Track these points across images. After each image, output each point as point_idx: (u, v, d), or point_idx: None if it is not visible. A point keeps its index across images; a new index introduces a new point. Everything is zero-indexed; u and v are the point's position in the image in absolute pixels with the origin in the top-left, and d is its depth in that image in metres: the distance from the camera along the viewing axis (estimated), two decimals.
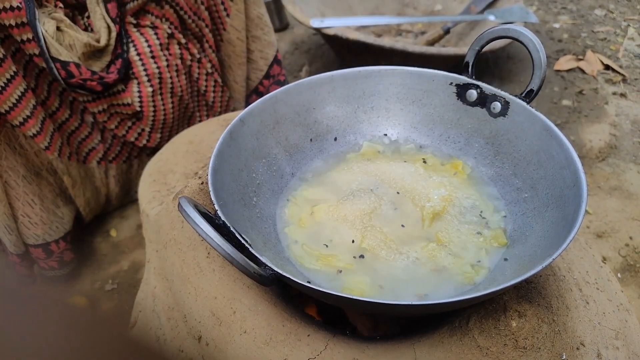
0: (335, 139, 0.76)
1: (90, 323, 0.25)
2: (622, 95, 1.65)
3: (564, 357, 0.53)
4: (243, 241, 0.50)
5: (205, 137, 1.02)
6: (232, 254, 0.45)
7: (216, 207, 0.52)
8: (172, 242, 0.68)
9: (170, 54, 1.14)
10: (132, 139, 1.20)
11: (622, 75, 1.73)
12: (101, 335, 0.24)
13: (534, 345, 0.51)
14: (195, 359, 0.62)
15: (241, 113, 0.66)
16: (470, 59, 0.69)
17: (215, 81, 1.28)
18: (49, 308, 0.24)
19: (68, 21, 0.99)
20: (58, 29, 0.97)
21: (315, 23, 1.49)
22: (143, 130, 1.19)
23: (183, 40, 1.16)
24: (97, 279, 1.19)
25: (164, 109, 1.17)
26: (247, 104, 1.40)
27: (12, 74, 0.91)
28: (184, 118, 1.28)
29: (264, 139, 0.69)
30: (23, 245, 1.07)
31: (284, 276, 0.47)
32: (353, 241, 0.62)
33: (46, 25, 0.95)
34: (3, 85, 0.90)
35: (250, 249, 0.49)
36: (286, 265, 0.59)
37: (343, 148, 0.76)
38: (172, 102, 1.18)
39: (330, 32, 1.47)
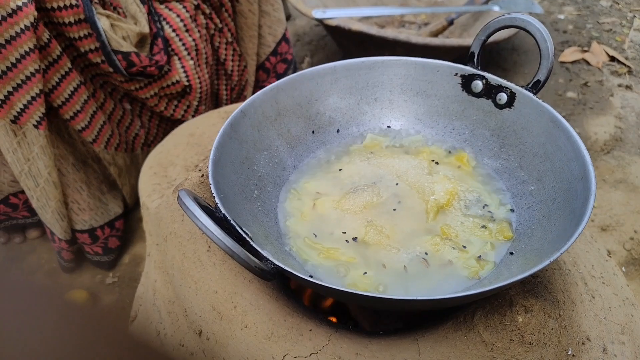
0: (338, 130, 0.75)
1: (90, 318, 0.24)
2: (628, 87, 1.63)
3: (570, 352, 0.52)
4: (244, 234, 0.49)
5: (206, 130, 1.01)
6: (232, 247, 0.44)
7: (217, 200, 0.51)
8: (173, 236, 0.67)
9: (198, 25, 1.14)
10: (179, 117, 1.21)
11: (628, 67, 1.71)
12: (101, 331, 0.24)
13: (540, 340, 0.50)
14: (196, 354, 0.62)
15: (242, 105, 0.65)
16: (475, 49, 0.67)
17: (234, 50, 1.29)
18: (49, 304, 0.24)
19: (116, 15, 1.01)
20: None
21: (317, 14, 1.47)
22: (189, 106, 1.20)
23: (207, 11, 1.17)
24: (98, 272, 1.19)
25: (205, 80, 1.19)
26: (255, 78, 1.40)
27: (67, 70, 0.93)
28: (212, 88, 1.29)
29: (266, 131, 0.68)
30: (70, 232, 1.10)
31: (286, 270, 0.46)
32: (350, 236, 0.61)
33: (101, 21, 0.96)
34: (58, 80, 0.92)
35: (252, 242, 0.48)
36: (288, 259, 0.58)
37: (346, 140, 0.75)
38: (208, 72, 1.20)
39: (333, 23, 1.45)
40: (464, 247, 0.59)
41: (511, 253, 0.58)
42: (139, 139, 1.21)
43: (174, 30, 1.10)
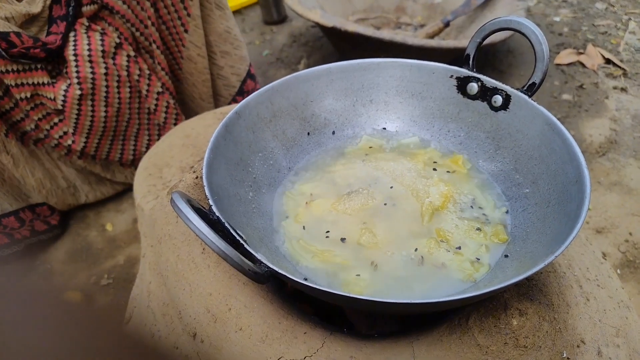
0: (334, 132, 0.75)
1: (85, 319, 0.24)
2: (623, 89, 1.64)
3: (565, 355, 0.52)
4: (238, 237, 0.48)
5: (201, 131, 1.01)
6: (225, 250, 0.44)
7: (210, 202, 0.51)
8: (167, 237, 0.66)
9: (115, 64, 1.10)
10: (57, 136, 1.16)
11: (623, 69, 1.72)
12: (97, 331, 0.23)
13: (534, 343, 0.50)
14: (191, 356, 0.61)
15: (237, 106, 0.65)
16: (471, 51, 0.67)
17: (168, 102, 1.23)
18: (44, 304, 0.23)
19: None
20: None
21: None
22: (66, 132, 1.15)
23: (132, 53, 1.12)
24: (92, 273, 1.18)
25: (92, 116, 1.13)
26: None
27: None
28: (128, 133, 1.24)
29: (261, 133, 0.68)
30: None
31: (280, 273, 0.46)
32: (344, 239, 0.60)
33: None
34: None
35: (245, 245, 0.48)
36: (282, 262, 0.58)
37: (341, 142, 0.75)
38: (106, 112, 1.14)
39: (329, 24, 1.45)
40: (459, 249, 0.59)
41: (506, 256, 0.58)
42: (29, 136, 1.15)
43: (75, 55, 1.05)
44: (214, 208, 0.50)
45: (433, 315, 0.58)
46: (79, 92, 1.08)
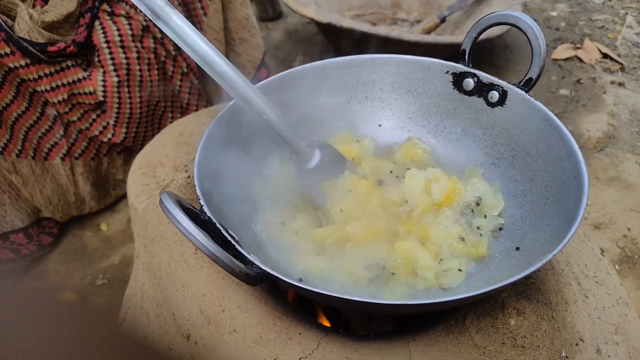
0: (328, 130, 0.74)
1: (80, 319, 0.24)
2: (620, 84, 1.63)
3: (564, 354, 0.51)
4: (230, 238, 0.47)
5: (196, 129, 1.00)
6: (215, 252, 0.43)
7: (202, 202, 0.50)
8: (160, 238, 0.65)
9: (143, 47, 1.10)
10: (96, 132, 1.15)
11: (620, 64, 1.71)
12: (91, 332, 0.23)
13: (533, 343, 0.50)
14: (185, 358, 0.60)
15: (229, 104, 0.64)
16: (467, 46, 0.66)
17: (192, 82, 1.23)
18: (39, 305, 0.23)
19: (39, 8, 0.98)
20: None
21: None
22: (108, 123, 1.14)
23: (159, 35, 1.12)
24: (87, 273, 1.17)
25: (130, 102, 1.13)
26: None
27: None
28: (154, 117, 1.23)
29: (254, 131, 0.67)
30: None
31: (273, 275, 0.45)
32: (342, 237, 0.59)
33: (30, 11, 0.93)
34: None
35: (237, 246, 0.47)
36: (276, 263, 0.57)
37: (337, 140, 0.74)
38: (140, 96, 1.14)
39: (324, 20, 1.44)
40: (441, 260, 0.57)
41: (502, 254, 0.57)
42: (58, 149, 1.14)
43: (107, 42, 1.05)
44: (205, 208, 0.49)
45: (430, 316, 0.57)
46: (116, 79, 1.08)
